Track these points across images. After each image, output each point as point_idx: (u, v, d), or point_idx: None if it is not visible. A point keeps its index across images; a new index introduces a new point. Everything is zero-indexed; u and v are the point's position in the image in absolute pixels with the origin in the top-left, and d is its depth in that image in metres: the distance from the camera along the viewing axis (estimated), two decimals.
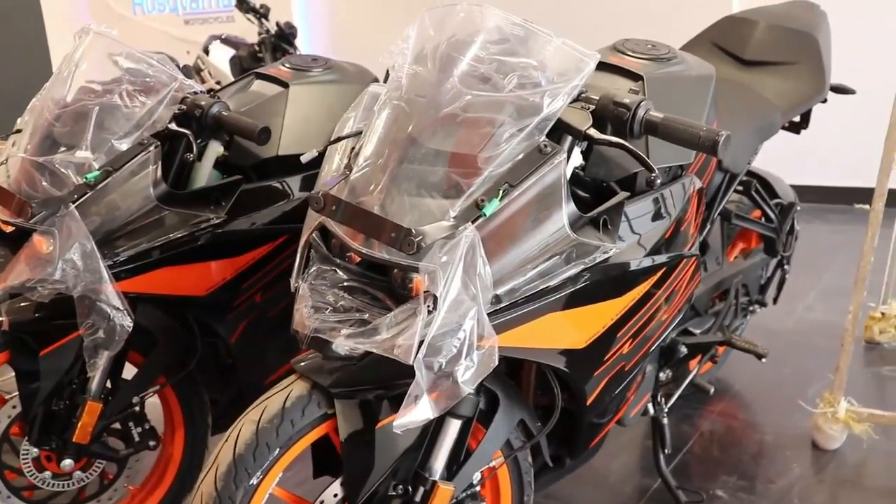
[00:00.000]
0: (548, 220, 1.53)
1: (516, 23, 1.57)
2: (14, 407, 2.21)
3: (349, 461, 1.69)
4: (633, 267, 1.74)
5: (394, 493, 1.71)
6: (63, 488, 2.29)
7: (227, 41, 5.83)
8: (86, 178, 1.97)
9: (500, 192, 1.47)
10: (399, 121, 1.58)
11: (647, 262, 1.77)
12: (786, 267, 2.97)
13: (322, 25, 7.07)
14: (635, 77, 1.83)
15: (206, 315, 2.29)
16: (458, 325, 1.42)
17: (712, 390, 2.48)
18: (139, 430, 2.30)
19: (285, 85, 2.42)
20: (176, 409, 2.40)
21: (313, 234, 1.61)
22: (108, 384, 2.21)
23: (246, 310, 2.33)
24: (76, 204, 1.96)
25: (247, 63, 5.52)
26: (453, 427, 1.72)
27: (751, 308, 2.90)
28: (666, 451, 2.42)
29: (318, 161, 2.45)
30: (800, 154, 4.24)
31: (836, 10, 2.97)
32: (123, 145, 2.04)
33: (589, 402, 1.84)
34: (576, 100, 1.58)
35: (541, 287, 1.58)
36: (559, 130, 1.56)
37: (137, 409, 2.29)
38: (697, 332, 2.59)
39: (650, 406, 2.33)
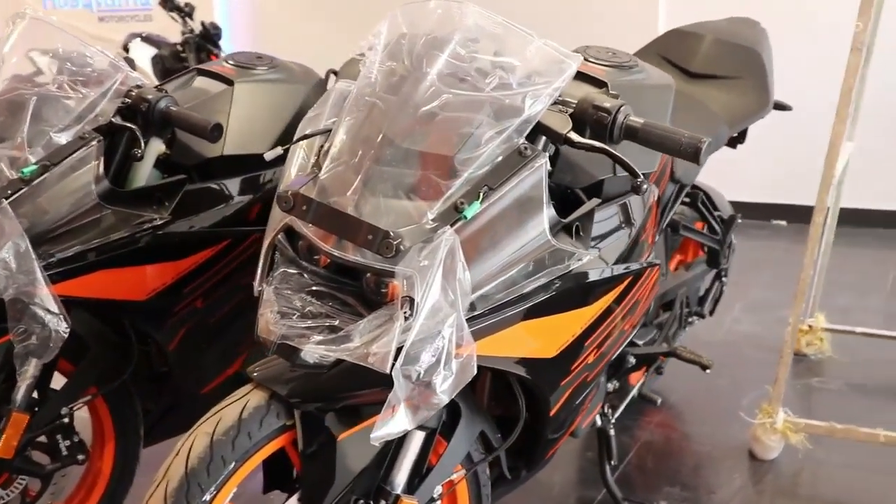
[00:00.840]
0: (528, 224, 1.48)
1: (496, 21, 1.52)
2: None
3: (308, 475, 1.61)
4: (602, 275, 1.71)
5: None
6: None
7: (148, 40, 5.64)
8: (21, 173, 1.84)
9: (481, 194, 1.41)
10: (372, 118, 1.51)
11: (618, 271, 1.74)
12: (723, 279, 2.99)
13: (244, 26, 6.90)
14: (599, 84, 1.79)
15: (145, 321, 2.17)
16: (436, 332, 1.35)
17: (659, 401, 2.48)
18: (67, 443, 2.15)
19: (230, 82, 2.33)
20: (107, 421, 2.26)
21: (279, 236, 1.53)
22: (35, 394, 2.07)
23: (186, 316, 2.22)
24: (10, 200, 1.82)
25: (169, 63, 5.35)
26: (417, 439, 1.66)
27: (689, 319, 2.91)
28: (612, 462, 2.40)
29: (264, 163, 2.37)
30: (720, 170, 4.30)
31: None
32: (63, 139, 1.92)
33: (552, 412, 1.79)
34: (553, 103, 1.54)
35: (515, 294, 1.53)
36: (536, 133, 1.51)
37: (66, 420, 2.14)
38: (641, 342, 2.58)
39: (597, 417, 2.31)
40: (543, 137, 1.53)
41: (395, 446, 1.64)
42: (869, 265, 4.54)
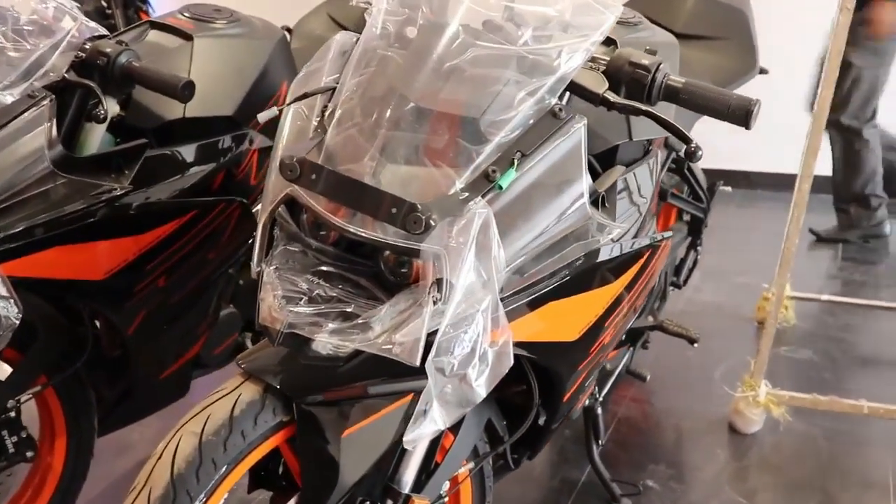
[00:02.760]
0: (564, 194, 1.31)
1: None
2: None
3: (309, 475, 1.42)
4: (624, 250, 1.56)
5: None
6: None
7: None
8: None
9: (514, 161, 1.24)
10: (386, 74, 1.32)
11: (640, 244, 1.60)
12: (698, 248, 2.88)
13: None
14: (608, 41, 1.63)
15: (102, 303, 1.94)
16: (469, 317, 1.18)
17: (648, 377, 2.36)
18: (14, 439, 1.93)
19: (188, 37, 2.10)
20: (57, 412, 2.04)
21: (280, 208, 1.33)
22: None
23: (147, 296, 2.00)
24: None
25: (92, 19, 4.96)
26: (417, 431, 1.49)
27: (668, 290, 2.80)
28: (600, 442, 2.28)
29: (228, 126, 2.15)
30: None
31: None
32: (8, 98, 1.67)
33: (566, 397, 1.65)
34: None
35: (544, 273, 1.37)
36: (568, 93, 1.35)
37: (13, 414, 1.92)
38: None
39: None
40: (572, 96, 1.36)
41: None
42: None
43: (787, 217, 2.60)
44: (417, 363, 1.17)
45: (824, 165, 4.50)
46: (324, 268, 1.28)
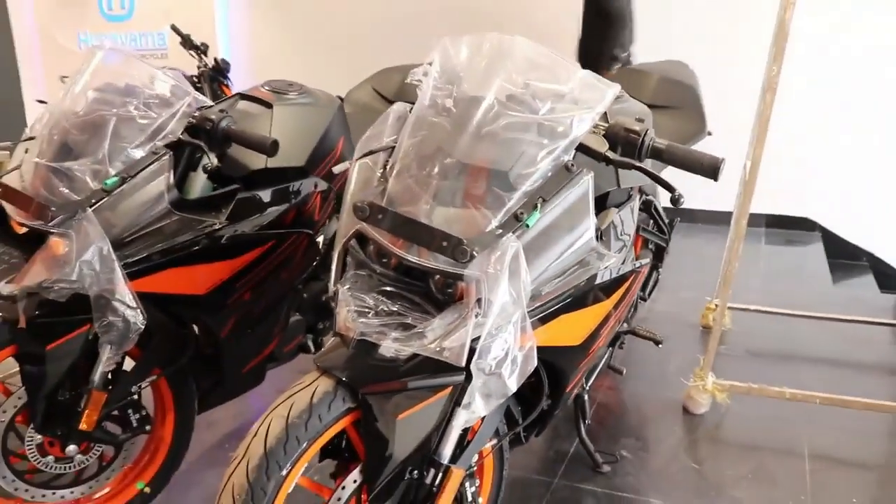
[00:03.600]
0: (575, 230, 1.29)
1: (542, 52, 1.32)
2: (20, 398, 1.78)
3: (371, 451, 1.39)
4: (617, 273, 1.53)
5: (409, 478, 1.43)
6: (64, 471, 1.87)
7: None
8: (104, 185, 1.58)
9: (538, 205, 1.22)
10: (435, 136, 1.30)
11: (627, 269, 1.57)
12: (660, 270, 2.84)
13: (246, 59, 6.52)
14: None
15: (203, 312, 1.91)
16: (503, 328, 1.16)
17: (625, 371, 2.31)
18: (137, 416, 1.91)
19: (269, 105, 2.08)
20: (167, 396, 2.01)
21: (352, 241, 1.30)
22: (109, 375, 1.81)
23: (237, 306, 1.97)
24: (93, 208, 1.57)
25: None
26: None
27: (637, 302, 2.76)
28: (587, 422, 2.24)
29: (299, 174, 2.13)
30: None
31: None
32: (138, 154, 1.65)
33: (568, 388, 1.61)
34: None
35: (559, 292, 1.34)
36: (576, 151, 1.32)
37: (136, 397, 1.90)
38: None
39: None
40: (578, 154, 1.34)
41: (445, 423, 1.44)
42: (746, 254, 4.47)
43: (725, 244, 2.56)
44: (463, 364, 1.15)
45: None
46: (386, 288, 1.26)
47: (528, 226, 1.19)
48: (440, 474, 1.42)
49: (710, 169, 1.30)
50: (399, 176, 1.28)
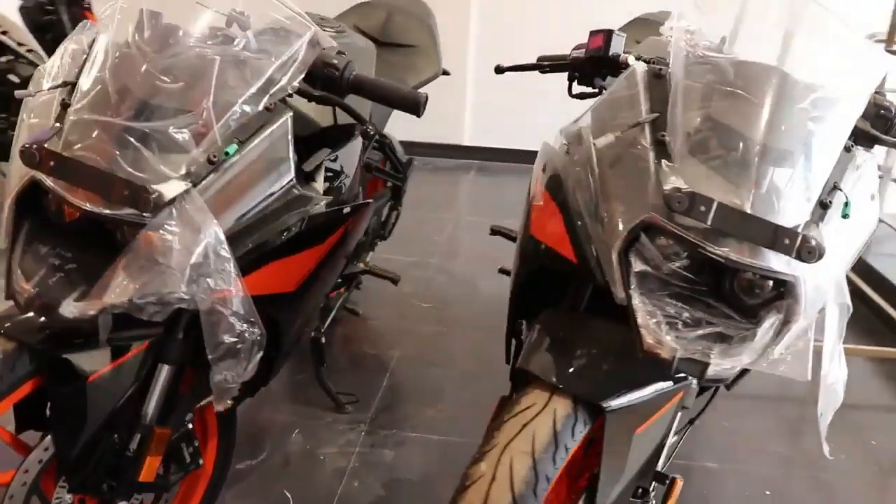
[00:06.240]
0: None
1: None
2: (46, 449, 1.31)
3: (606, 468, 1.18)
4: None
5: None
6: None
7: None
8: (225, 153, 1.17)
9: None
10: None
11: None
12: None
13: None
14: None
15: (294, 311, 1.52)
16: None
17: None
18: (190, 450, 1.46)
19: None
20: (212, 419, 1.63)
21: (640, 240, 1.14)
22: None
23: (313, 299, 1.62)
24: (198, 187, 1.15)
25: (34, 15, 3.83)
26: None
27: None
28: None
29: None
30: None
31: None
32: (248, 110, 1.20)
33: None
34: None
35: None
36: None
37: (190, 426, 1.46)
38: None
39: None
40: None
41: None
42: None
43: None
44: (809, 378, 1.09)
45: None
46: (677, 291, 1.13)
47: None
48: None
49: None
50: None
